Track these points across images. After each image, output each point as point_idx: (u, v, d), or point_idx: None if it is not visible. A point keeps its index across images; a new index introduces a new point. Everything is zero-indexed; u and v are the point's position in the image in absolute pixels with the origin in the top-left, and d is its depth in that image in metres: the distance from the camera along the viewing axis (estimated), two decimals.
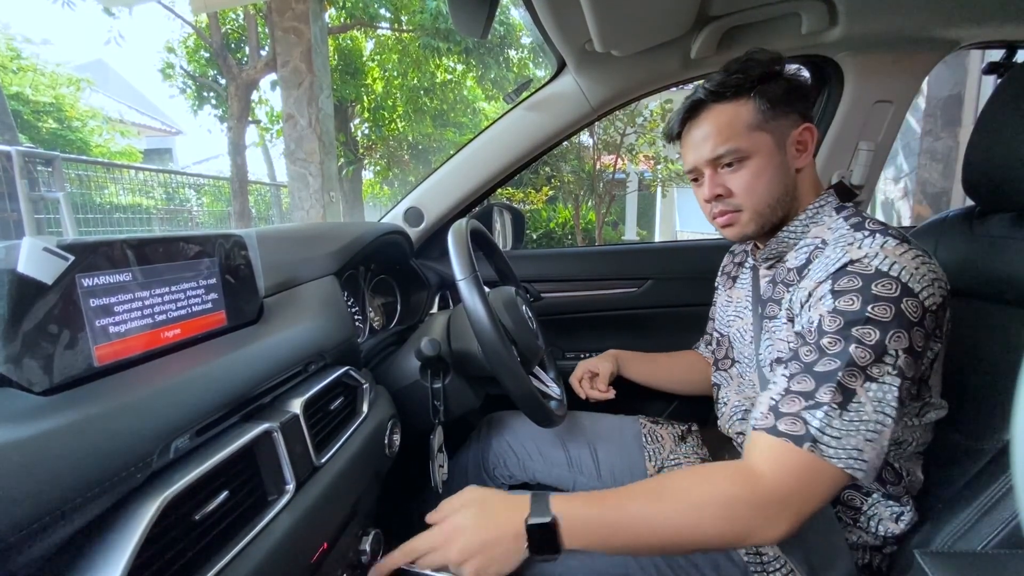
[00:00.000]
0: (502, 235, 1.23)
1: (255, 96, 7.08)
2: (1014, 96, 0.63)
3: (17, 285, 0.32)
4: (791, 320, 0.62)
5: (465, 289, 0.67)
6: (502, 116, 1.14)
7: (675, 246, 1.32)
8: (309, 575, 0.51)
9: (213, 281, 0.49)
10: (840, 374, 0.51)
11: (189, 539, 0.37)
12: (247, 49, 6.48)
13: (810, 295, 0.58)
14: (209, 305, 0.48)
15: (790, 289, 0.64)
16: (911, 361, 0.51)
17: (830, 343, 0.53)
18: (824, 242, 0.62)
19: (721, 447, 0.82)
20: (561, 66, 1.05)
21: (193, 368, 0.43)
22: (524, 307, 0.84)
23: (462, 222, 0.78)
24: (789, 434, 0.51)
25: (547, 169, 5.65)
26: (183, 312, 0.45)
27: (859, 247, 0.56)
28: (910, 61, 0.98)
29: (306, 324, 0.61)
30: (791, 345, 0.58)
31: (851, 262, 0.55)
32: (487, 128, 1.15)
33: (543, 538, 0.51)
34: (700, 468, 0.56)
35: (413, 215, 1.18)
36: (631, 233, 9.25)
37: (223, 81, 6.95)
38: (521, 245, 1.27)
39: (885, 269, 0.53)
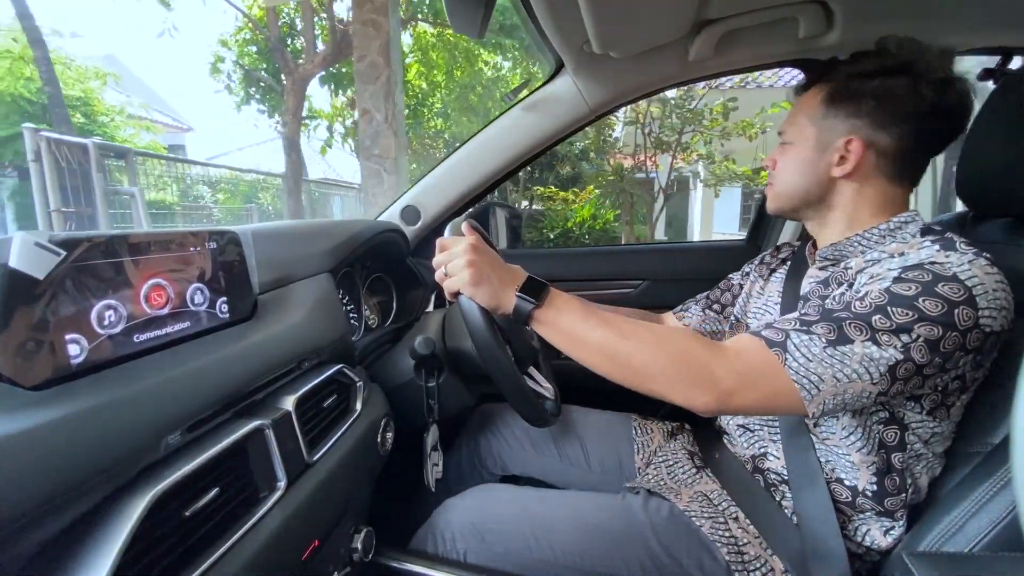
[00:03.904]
0: (499, 235, 1.24)
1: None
2: (1007, 102, 0.63)
3: (8, 280, 0.32)
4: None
5: None
6: (500, 116, 1.14)
7: (670, 248, 1.32)
8: (300, 572, 0.51)
9: (207, 277, 0.49)
10: (848, 322, 0.51)
11: (178, 535, 0.38)
12: (298, 44, 6.38)
13: (872, 277, 0.56)
14: (203, 301, 0.48)
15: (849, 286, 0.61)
16: (926, 350, 0.50)
17: (861, 306, 0.52)
18: (904, 255, 0.57)
19: (712, 446, 0.82)
20: (559, 67, 1.05)
21: (185, 364, 0.43)
22: None
23: (458, 221, 0.78)
24: (766, 337, 0.54)
25: (585, 166, 5.49)
26: (176, 308, 0.45)
27: (946, 255, 0.53)
28: None
29: (300, 322, 0.61)
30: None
31: (931, 262, 0.53)
32: (485, 128, 1.15)
33: (532, 289, 0.60)
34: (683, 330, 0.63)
35: (410, 213, 1.18)
36: (695, 234, 8.17)
37: (267, 76, 6.86)
38: (518, 245, 1.27)
39: (963, 277, 0.51)
